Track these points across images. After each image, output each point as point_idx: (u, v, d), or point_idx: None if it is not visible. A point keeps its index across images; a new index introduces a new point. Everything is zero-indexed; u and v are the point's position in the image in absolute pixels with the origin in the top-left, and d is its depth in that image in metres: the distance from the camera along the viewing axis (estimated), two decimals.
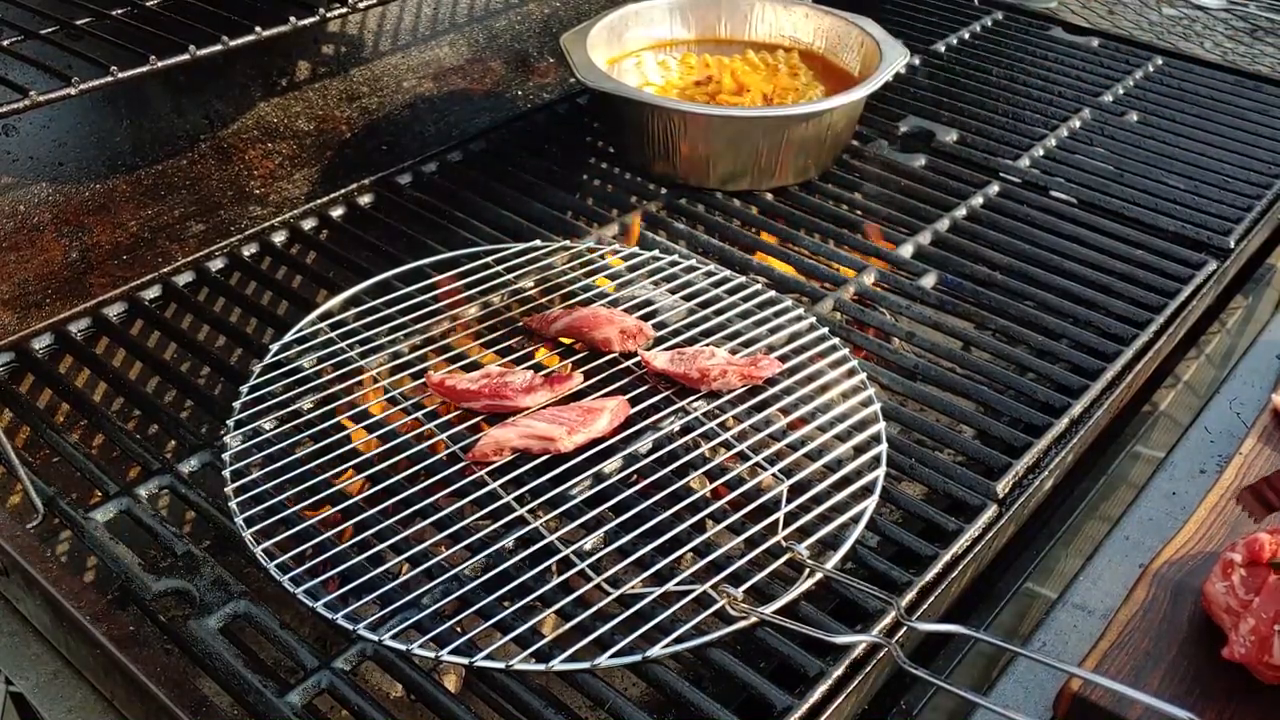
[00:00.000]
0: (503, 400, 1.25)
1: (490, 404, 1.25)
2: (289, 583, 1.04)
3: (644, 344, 1.36)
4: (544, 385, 1.27)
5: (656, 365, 1.31)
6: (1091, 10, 2.94)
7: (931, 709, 1.11)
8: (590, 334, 1.36)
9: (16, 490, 1.39)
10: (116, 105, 1.61)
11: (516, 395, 1.25)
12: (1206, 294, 1.57)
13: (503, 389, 1.26)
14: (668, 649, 0.99)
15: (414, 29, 1.98)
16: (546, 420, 1.21)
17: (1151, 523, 1.29)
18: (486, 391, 1.26)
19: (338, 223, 1.69)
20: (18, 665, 1.13)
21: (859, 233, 1.68)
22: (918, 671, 0.96)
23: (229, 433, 1.21)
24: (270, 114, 1.78)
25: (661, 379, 1.31)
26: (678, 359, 1.31)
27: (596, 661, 0.98)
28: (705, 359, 1.30)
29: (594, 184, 1.82)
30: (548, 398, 1.27)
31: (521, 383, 1.27)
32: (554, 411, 1.23)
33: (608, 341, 1.35)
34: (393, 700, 1.23)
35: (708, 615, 1.02)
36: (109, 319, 1.46)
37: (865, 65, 1.86)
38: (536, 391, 1.26)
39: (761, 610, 1.03)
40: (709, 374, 1.29)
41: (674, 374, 1.30)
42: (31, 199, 1.53)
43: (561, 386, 1.28)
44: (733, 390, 1.30)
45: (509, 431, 1.20)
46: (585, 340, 1.37)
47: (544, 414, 1.23)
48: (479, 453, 1.20)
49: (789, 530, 1.11)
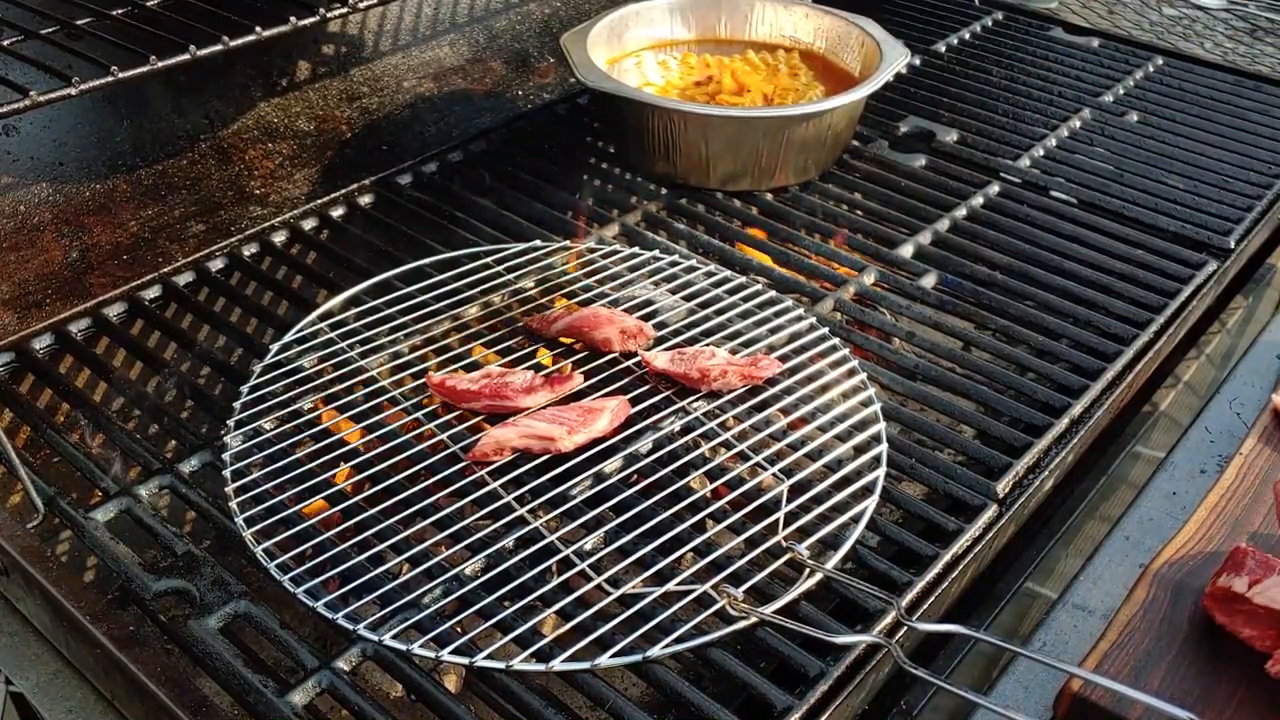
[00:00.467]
0: (503, 400, 1.25)
1: (491, 404, 1.25)
2: (289, 583, 1.04)
3: (644, 344, 1.36)
4: (544, 385, 1.27)
5: (657, 365, 1.31)
6: (1091, 10, 2.94)
7: (931, 709, 1.11)
8: (591, 334, 1.36)
9: (17, 490, 1.39)
10: (116, 105, 1.61)
11: (517, 395, 1.25)
12: (1206, 294, 1.57)
13: (503, 389, 1.26)
14: (668, 649, 0.99)
15: (414, 29, 1.98)
16: (547, 420, 1.21)
17: (1151, 523, 1.29)
18: (487, 392, 1.26)
19: (338, 223, 1.69)
20: (18, 665, 1.13)
21: (860, 233, 1.68)
22: (918, 671, 0.96)
23: (229, 432, 1.21)
24: (270, 114, 1.78)
25: (662, 379, 1.31)
26: (678, 359, 1.32)
27: (597, 661, 0.98)
28: (705, 359, 1.30)
29: (594, 184, 1.82)
30: (548, 398, 1.27)
31: (522, 383, 1.27)
32: (554, 411, 1.23)
33: (608, 341, 1.35)
34: (393, 700, 1.23)
35: (708, 615, 1.02)
36: (109, 319, 1.46)
37: (865, 65, 1.86)
38: (537, 392, 1.26)
39: (762, 610, 1.03)
40: (709, 374, 1.29)
41: (674, 374, 1.30)
42: (31, 199, 1.53)
43: (562, 387, 1.28)
44: (733, 390, 1.30)
45: (509, 431, 1.20)
46: (586, 340, 1.37)
47: (544, 414, 1.23)
48: (479, 452, 1.20)
49: (789, 530, 1.11)
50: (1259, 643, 1.07)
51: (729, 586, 1.04)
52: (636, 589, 1.05)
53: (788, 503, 1.14)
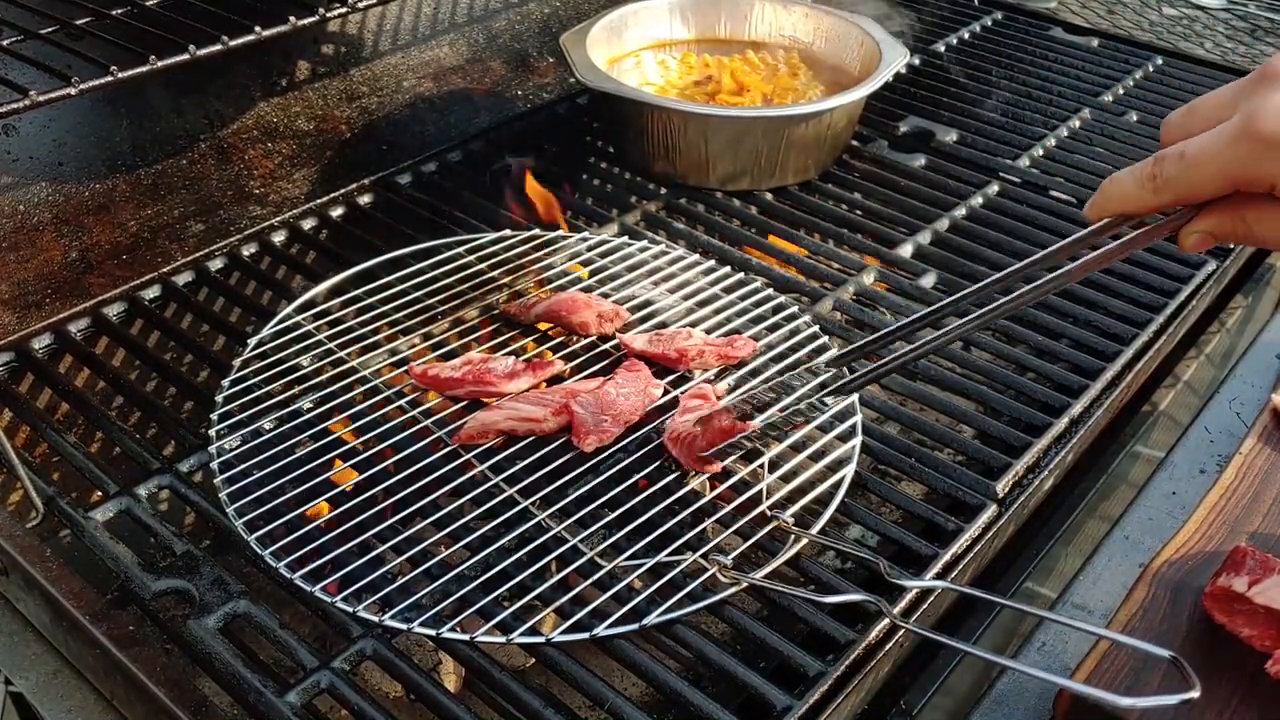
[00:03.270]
0: (486, 386, 1.27)
1: (474, 390, 1.27)
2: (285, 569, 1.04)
3: (619, 326, 1.39)
4: (526, 370, 1.29)
5: (635, 347, 1.33)
6: (1091, 10, 2.94)
7: (931, 709, 1.11)
8: (568, 318, 1.38)
9: (16, 490, 1.39)
10: (116, 105, 1.61)
11: (500, 381, 1.27)
12: (1206, 294, 1.57)
13: (485, 375, 1.28)
14: (663, 617, 1.01)
15: (414, 29, 1.98)
16: (530, 402, 1.23)
17: (1151, 523, 1.29)
18: (470, 378, 1.27)
19: (337, 223, 1.69)
20: (18, 665, 1.13)
21: (859, 233, 1.68)
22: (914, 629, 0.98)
23: (213, 426, 1.22)
24: (270, 114, 1.78)
25: (640, 360, 1.33)
26: (655, 340, 1.34)
27: (595, 631, 0.99)
28: (683, 339, 1.33)
29: (594, 184, 1.82)
30: (530, 382, 1.28)
31: (504, 369, 1.29)
32: (537, 394, 1.25)
33: (585, 325, 1.37)
34: (392, 700, 1.23)
35: (699, 585, 1.04)
36: (109, 319, 1.46)
37: (865, 65, 1.86)
38: (519, 377, 1.28)
39: (752, 575, 1.04)
40: (687, 354, 1.31)
41: (652, 354, 1.32)
42: (31, 199, 1.53)
43: (544, 371, 1.30)
44: (709, 370, 1.31)
45: (495, 414, 1.22)
46: (563, 324, 1.39)
47: (528, 396, 1.25)
48: (465, 435, 1.21)
49: (772, 500, 1.13)
50: (1259, 643, 1.07)
51: (718, 555, 1.06)
52: (630, 561, 1.06)
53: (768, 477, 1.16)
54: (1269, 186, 0.78)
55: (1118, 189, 0.85)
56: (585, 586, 1.05)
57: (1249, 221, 0.81)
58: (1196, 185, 0.81)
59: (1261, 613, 1.06)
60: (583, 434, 1.19)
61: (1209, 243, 0.84)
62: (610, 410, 1.21)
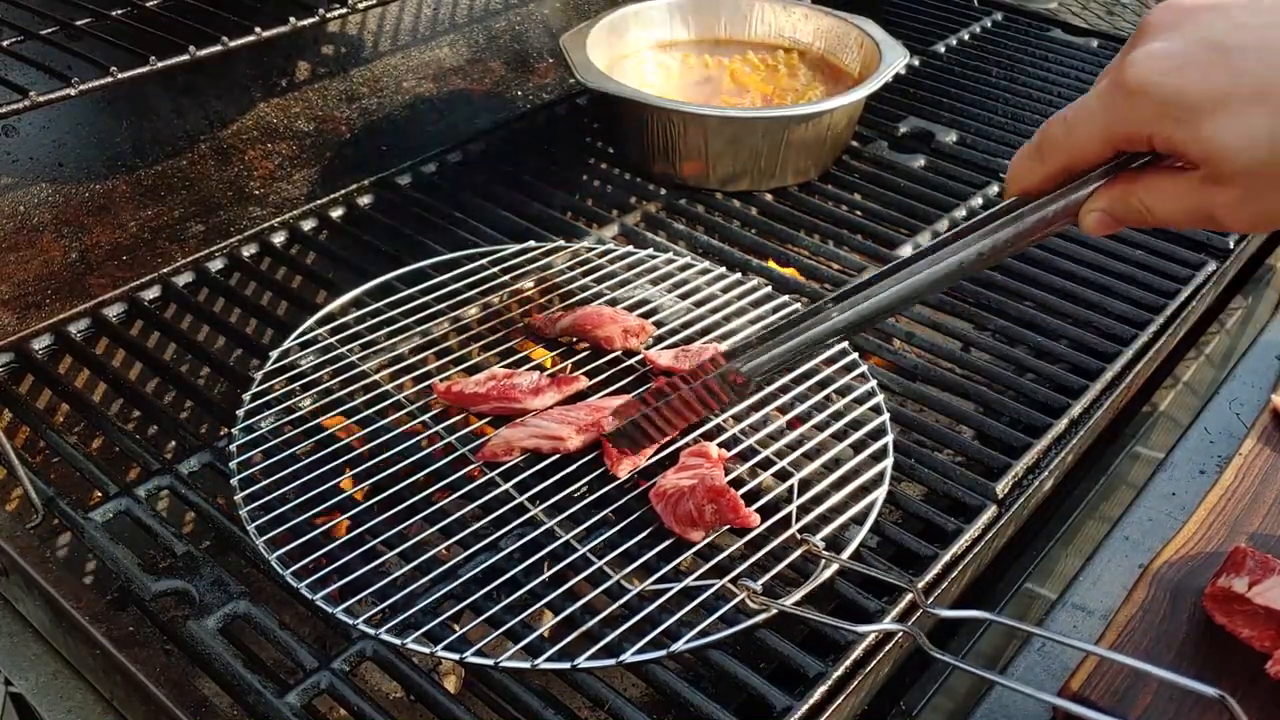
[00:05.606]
0: (511, 402, 1.25)
1: (499, 406, 1.25)
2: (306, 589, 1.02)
3: (645, 341, 1.37)
4: (551, 386, 1.27)
5: (661, 362, 1.32)
6: (1091, 11, 2.94)
7: (931, 709, 1.11)
8: (593, 332, 1.36)
9: (16, 490, 1.39)
10: (116, 105, 1.61)
11: (525, 396, 1.25)
12: (1206, 294, 1.57)
13: (510, 391, 1.26)
14: (691, 644, 0.99)
15: (414, 29, 1.98)
16: (555, 420, 1.21)
17: (1151, 523, 1.29)
18: (494, 394, 1.26)
19: (337, 223, 1.69)
20: (18, 665, 1.13)
21: (859, 234, 1.68)
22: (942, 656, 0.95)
23: (233, 441, 1.20)
24: (270, 114, 1.78)
25: (665, 376, 1.31)
26: (681, 356, 1.32)
27: (621, 658, 0.97)
28: (709, 356, 1.30)
29: (594, 184, 1.82)
30: (555, 398, 1.27)
31: (529, 384, 1.27)
32: (561, 411, 1.23)
33: (610, 339, 1.35)
34: (392, 701, 1.23)
35: (728, 610, 1.02)
36: (109, 319, 1.46)
37: (865, 66, 1.86)
38: (544, 392, 1.26)
39: (783, 602, 1.02)
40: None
41: (678, 370, 1.30)
42: (31, 199, 1.53)
43: (569, 386, 1.28)
44: None
45: (519, 431, 1.20)
46: (588, 338, 1.37)
47: (552, 414, 1.23)
48: (489, 452, 1.19)
49: (801, 524, 1.11)
50: (1259, 643, 1.07)
51: (747, 580, 1.04)
52: (654, 586, 1.04)
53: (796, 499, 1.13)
54: (1147, 142, 0.75)
55: (1015, 163, 0.83)
56: (615, 608, 1.02)
57: (1141, 196, 0.78)
58: (1078, 149, 0.79)
59: (1261, 613, 1.06)
60: (615, 458, 1.17)
61: (1109, 224, 0.80)
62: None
